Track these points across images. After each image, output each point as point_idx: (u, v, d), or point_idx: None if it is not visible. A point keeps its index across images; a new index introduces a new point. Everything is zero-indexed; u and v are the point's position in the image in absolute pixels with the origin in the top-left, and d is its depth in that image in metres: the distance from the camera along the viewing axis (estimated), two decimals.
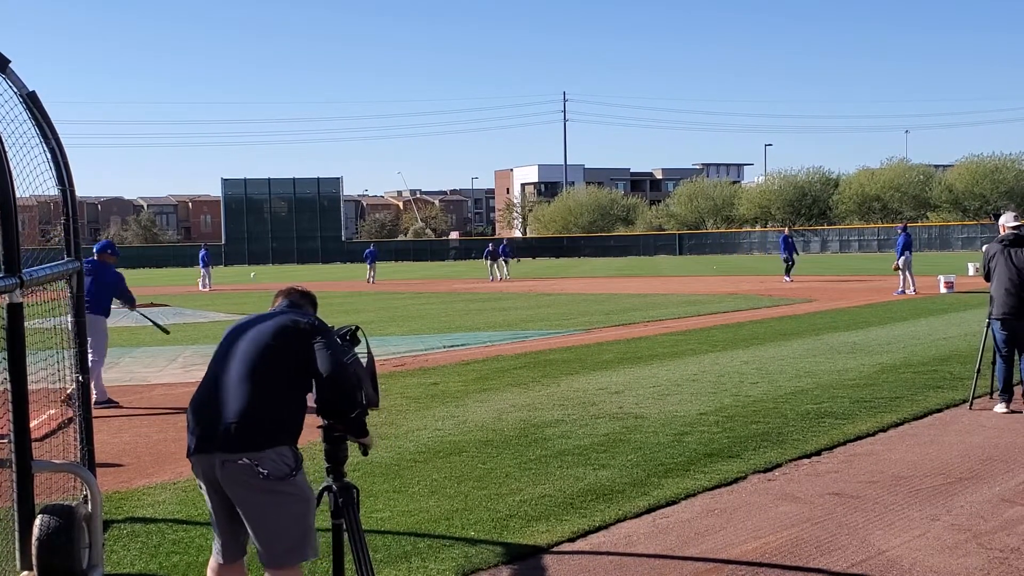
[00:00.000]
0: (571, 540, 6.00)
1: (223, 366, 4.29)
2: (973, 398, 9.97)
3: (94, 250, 11.59)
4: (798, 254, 34.78)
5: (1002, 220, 10.01)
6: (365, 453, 4.53)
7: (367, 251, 46.91)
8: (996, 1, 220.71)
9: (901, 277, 26.96)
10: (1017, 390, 9.90)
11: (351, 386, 4.21)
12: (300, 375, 4.21)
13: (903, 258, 26.59)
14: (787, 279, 34.20)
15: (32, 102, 5.53)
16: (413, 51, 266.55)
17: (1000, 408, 9.69)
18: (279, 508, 4.15)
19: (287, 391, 4.22)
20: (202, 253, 44.24)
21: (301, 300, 4.66)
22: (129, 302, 11.91)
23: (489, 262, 45.62)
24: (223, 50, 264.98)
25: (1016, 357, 9.79)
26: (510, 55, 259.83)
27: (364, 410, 4.32)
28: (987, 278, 9.96)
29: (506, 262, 46.36)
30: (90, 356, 10.68)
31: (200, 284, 43.09)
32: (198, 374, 13.88)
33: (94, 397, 10.19)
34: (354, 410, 4.23)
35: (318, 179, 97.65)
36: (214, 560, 4.42)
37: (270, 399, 4.18)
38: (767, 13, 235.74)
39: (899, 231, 28.01)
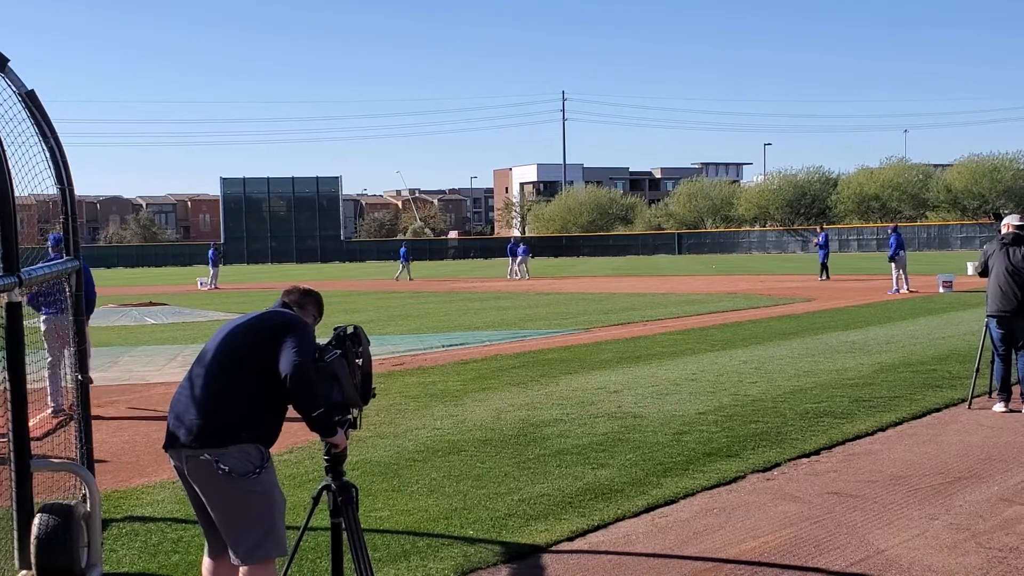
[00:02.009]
0: (570, 539, 6.00)
1: (199, 364, 4.35)
2: (972, 397, 9.98)
3: (50, 244, 9.38)
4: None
5: (1006, 220, 10.03)
6: (332, 453, 4.41)
7: (401, 250, 47.65)
8: (995, 1, 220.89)
9: (895, 276, 27.03)
10: (1015, 389, 9.90)
11: (309, 385, 4.16)
12: (272, 374, 4.19)
13: (898, 257, 26.71)
14: (823, 278, 33.57)
15: (31, 101, 5.53)
16: (412, 50, 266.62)
17: (999, 407, 9.70)
18: (241, 505, 4.18)
19: (256, 389, 4.22)
20: (210, 252, 44.19)
21: (302, 299, 4.66)
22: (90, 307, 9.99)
23: (520, 263, 44.58)
24: (222, 49, 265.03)
25: (1014, 356, 9.80)
26: (509, 54, 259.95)
27: (331, 410, 4.27)
28: (983, 275, 9.98)
29: (516, 262, 45.16)
30: (48, 360, 10.26)
31: (199, 283, 43.06)
32: None
33: (52, 406, 9.97)
34: (314, 410, 4.19)
35: (317, 178, 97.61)
36: (205, 556, 4.48)
37: (236, 397, 4.21)
38: (766, 12, 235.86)
39: (889, 231, 28.07)
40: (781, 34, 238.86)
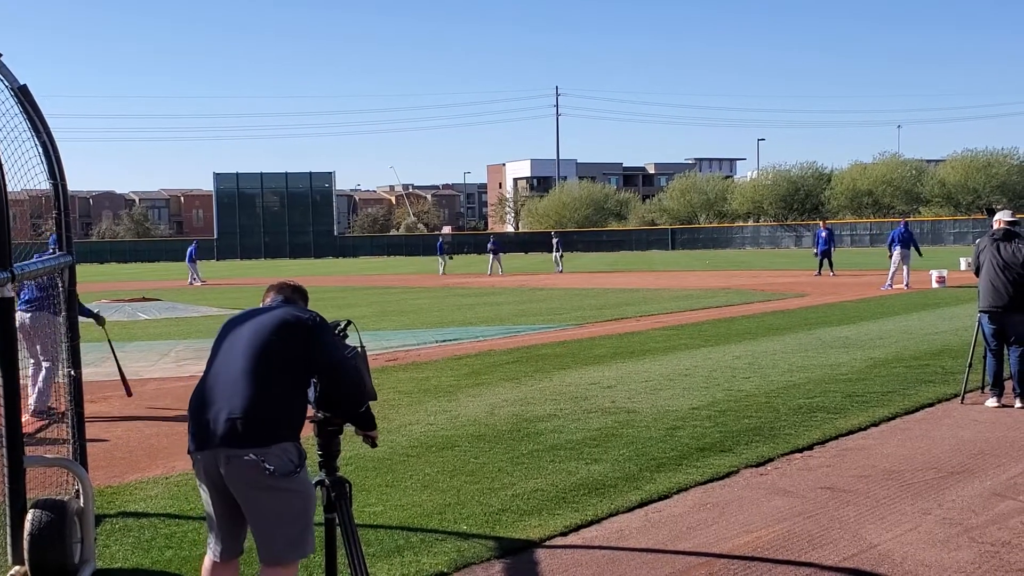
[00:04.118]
0: (563, 534, 6.01)
1: (223, 362, 4.25)
2: (965, 392, 10.00)
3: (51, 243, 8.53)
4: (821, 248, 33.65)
5: (997, 216, 10.05)
6: (373, 445, 4.63)
7: (438, 243, 49.88)
8: None
9: (891, 271, 27.02)
10: (1008, 384, 9.93)
11: (357, 381, 4.24)
12: (302, 371, 4.21)
13: (897, 251, 26.71)
14: (831, 273, 33.22)
15: (23, 95, 5.51)
16: (405, 46, 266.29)
17: (991, 403, 9.73)
18: (282, 504, 4.13)
19: (290, 387, 4.20)
20: (190, 249, 44.04)
21: (293, 295, 4.63)
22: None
23: (556, 254, 46.79)
24: (216, 45, 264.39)
25: (1006, 352, 9.83)
26: (502, 50, 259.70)
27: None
28: (977, 273, 10.01)
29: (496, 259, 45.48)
30: (43, 363, 9.83)
31: (190, 279, 42.95)
32: (191, 368, 13.85)
33: (33, 407, 9.67)
34: (363, 405, 4.32)
35: (310, 173, 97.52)
36: (209, 558, 4.37)
37: (273, 395, 4.15)
38: (759, 8, 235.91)
39: (902, 225, 27.89)
40: (774, 29, 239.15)
